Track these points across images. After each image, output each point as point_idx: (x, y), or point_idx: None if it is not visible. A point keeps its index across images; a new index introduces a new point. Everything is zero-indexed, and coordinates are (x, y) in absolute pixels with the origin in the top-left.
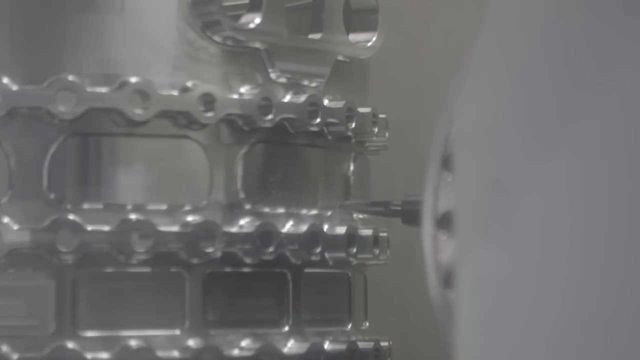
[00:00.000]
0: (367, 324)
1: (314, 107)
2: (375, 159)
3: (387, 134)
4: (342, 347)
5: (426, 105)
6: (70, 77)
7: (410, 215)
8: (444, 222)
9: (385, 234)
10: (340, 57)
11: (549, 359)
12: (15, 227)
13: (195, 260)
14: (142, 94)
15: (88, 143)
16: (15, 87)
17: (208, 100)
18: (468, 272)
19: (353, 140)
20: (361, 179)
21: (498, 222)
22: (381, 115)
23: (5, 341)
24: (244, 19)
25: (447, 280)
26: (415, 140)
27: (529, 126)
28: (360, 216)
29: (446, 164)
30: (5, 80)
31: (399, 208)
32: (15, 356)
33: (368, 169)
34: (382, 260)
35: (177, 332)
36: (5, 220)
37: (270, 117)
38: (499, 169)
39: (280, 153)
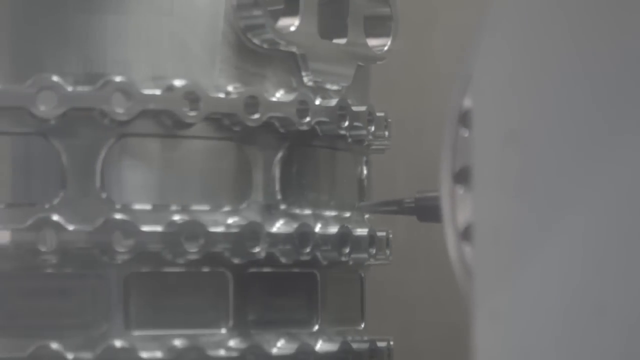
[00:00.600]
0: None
1: (343, 110)
2: (376, 159)
3: (387, 133)
4: (365, 346)
5: (428, 105)
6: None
7: (425, 211)
8: (462, 177)
9: (389, 234)
10: (361, 62)
11: (567, 304)
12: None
13: (237, 260)
14: (192, 96)
15: (138, 144)
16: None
17: (251, 104)
18: (485, 223)
19: (365, 143)
20: (369, 180)
21: (515, 173)
22: (389, 120)
23: (58, 340)
24: (281, 22)
25: (465, 234)
26: (416, 140)
27: (546, 81)
28: (366, 217)
29: (463, 120)
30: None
31: (413, 205)
32: (68, 355)
33: (371, 170)
34: (389, 260)
35: (223, 331)
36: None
37: (307, 119)
38: (515, 123)
39: (310, 156)
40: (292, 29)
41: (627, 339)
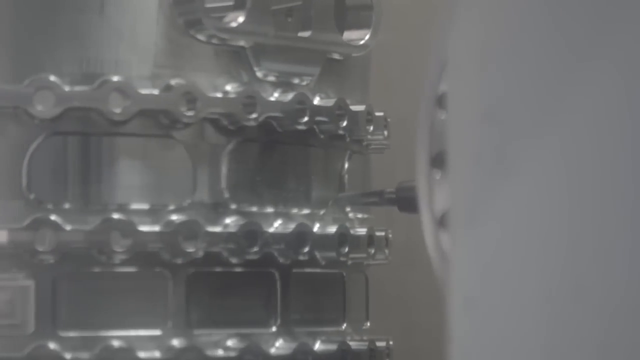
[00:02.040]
0: (369, 324)
1: (301, 105)
2: (377, 159)
3: (385, 133)
4: (333, 347)
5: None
6: (51, 77)
7: (406, 201)
8: (438, 161)
9: (382, 233)
10: (335, 56)
11: (544, 291)
12: None
13: (177, 260)
14: (123, 92)
15: (68, 142)
16: None
17: (190, 99)
18: (462, 205)
19: (348, 139)
20: (360, 177)
21: (491, 154)
22: (378, 114)
23: None
24: (227, 18)
25: (442, 220)
26: (416, 140)
27: (523, 58)
28: (359, 215)
29: (439, 102)
30: None
31: (394, 196)
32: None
33: (368, 168)
34: (380, 259)
35: (159, 332)
36: None
37: (254, 115)
38: (492, 101)
39: (268, 152)
40: (234, 24)
41: (607, 323)
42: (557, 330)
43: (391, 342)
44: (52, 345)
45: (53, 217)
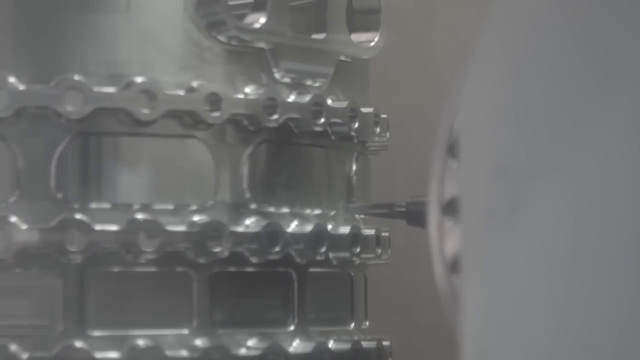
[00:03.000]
0: (367, 323)
1: (318, 107)
2: (377, 159)
3: (388, 134)
4: (347, 346)
5: (428, 105)
6: (77, 77)
7: (415, 216)
8: (450, 208)
9: (386, 234)
10: (342, 57)
11: (555, 345)
12: (24, 226)
13: (202, 260)
14: (149, 93)
15: (95, 143)
16: (22, 87)
17: (214, 100)
18: (474, 258)
19: (355, 140)
20: (362, 179)
21: (503, 208)
22: (383, 115)
23: (14, 340)
24: (248, 19)
25: (453, 266)
26: (417, 141)
27: (533, 114)
28: (361, 216)
29: (452, 151)
30: (12, 79)
31: (404, 209)
32: (24, 355)
33: (369, 169)
34: (384, 259)
35: (185, 331)
36: (13, 219)
37: (275, 117)
38: (504, 156)
39: (285, 153)
40: (257, 25)
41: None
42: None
43: (391, 342)
44: (80, 345)
45: (81, 217)
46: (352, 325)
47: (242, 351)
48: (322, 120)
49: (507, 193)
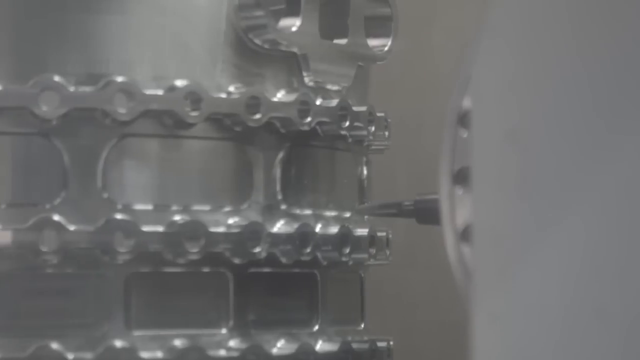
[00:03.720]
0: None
1: (344, 111)
2: (377, 159)
3: (386, 133)
4: (366, 346)
5: (428, 105)
6: (121, 79)
7: (424, 213)
8: (461, 178)
9: (384, 234)
10: (362, 62)
11: (567, 309)
12: (72, 227)
13: (239, 261)
14: (194, 96)
15: (139, 144)
16: (71, 88)
17: (254, 104)
18: (484, 223)
19: (365, 143)
20: (369, 180)
21: (515, 174)
22: (389, 119)
23: (59, 340)
24: (283, 23)
25: (464, 235)
26: (417, 141)
27: (544, 81)
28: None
29: (462, 121)
30: (59, 79)
31: (412, 208)
32: (69, 355)
33: (370, 169)
34: (389, 260)
35: (223, 331)
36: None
37: (308, 120)
38: (515, 123)
39: (310, 156)
40: (294, 29)
41: (626, 340)
42: (580, 347)
43: (391, 342)
44: (125, 345)
45: (127, 218)
46: (363, 325)
47: (275, 351)
48: (347, 123)
49: (518, 159)
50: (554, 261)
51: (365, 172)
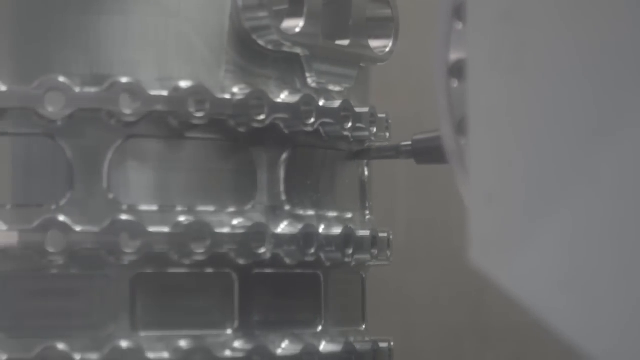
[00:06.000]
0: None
1: (346, 112)
2: (377, 160)
3: (387, 134)
4: (368, 346)
5: (428, 105)
6: (125, 79)
7: (423, 152)
8: (456, 70)
9: (389, 235)
10: (363, 63)
11: (559, 179)
12: (78, 228)
13: (244, 261)
14: (198, 96)
15: (143, 145)
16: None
17: (257, 105)
18: (480, 105)
19: (367, 144)
20: (370, 181)
21: (510, 51)
22: (389, 120)
23: (65, 341)
24: (286, 24)
25: (460, 127)
26: None
27: None
28: (368, 217)
29: (457, 13)
30: (65, 80)
31: (410, 148)
32: (76, 356)
33: (372, 170)
34: (388, 261)
35: (228, 331)
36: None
37: (311, 121)
38: (510, 1)
39: (312, 157)
40: (297, 30)
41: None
42: (572, 215)
43: (392, 343)
44: (131, 345)
45: (133, 219)
46: (364, 326)
47: (280, 352)
48: (350, 125)
49: (512, 38)
50: (550, 137)
51: (366, 172)
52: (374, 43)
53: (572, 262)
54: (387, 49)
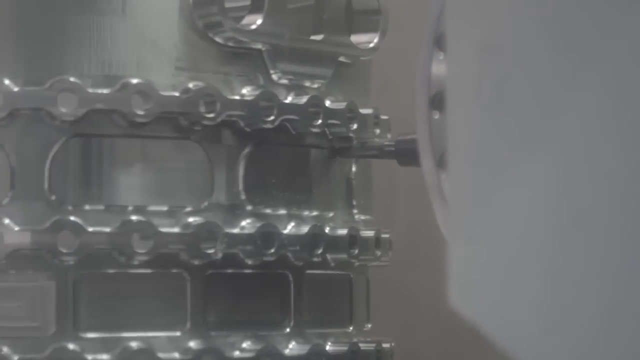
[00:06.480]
0: (370, 325)
1: (315, 108)
2: (377, 159)
3: (389, 135)
4: (344, 348)
5: None
6: (72, 78)
7: (406, 154)
8: (437, 102)
9: (387, 235)
10: (342, 59)
11: (544, 217)
12: (17, 228)
13: (196, 262)
14: (144, 94)
15: (89, 144)
16: (16, 89)
17: (209, 102)
18: (460, 140)
19: (355, 142)
20: (364, 180)
21: (490, 86)
22: (383, 117)
23: (6, 342)
24: (246, 20)
25: (441, 161)
26: None
27: None
28: (362, 217)
29: (438, 43)
30: (7, 81)
31: (393, 148)
32: (15, 357)
33: (370, 170)
34: (384, 261)
35: (178, 333)
36: (6, 221)
37: (271, 118)
38: (491, 35)
39: (282, 154)
40: (253, 26)
41: (605, 246)
42: (557, 257)
43: (386, 345)
44: (72, 347)
45: (74, 219)
46: (351, 327)
47: (236, 353)
48: (320, 121)
49: (494, 71)
50: (531, 176)
51: (354, 169)
52: (358, 37)
53: (556, 305)
54: (372, 44)
